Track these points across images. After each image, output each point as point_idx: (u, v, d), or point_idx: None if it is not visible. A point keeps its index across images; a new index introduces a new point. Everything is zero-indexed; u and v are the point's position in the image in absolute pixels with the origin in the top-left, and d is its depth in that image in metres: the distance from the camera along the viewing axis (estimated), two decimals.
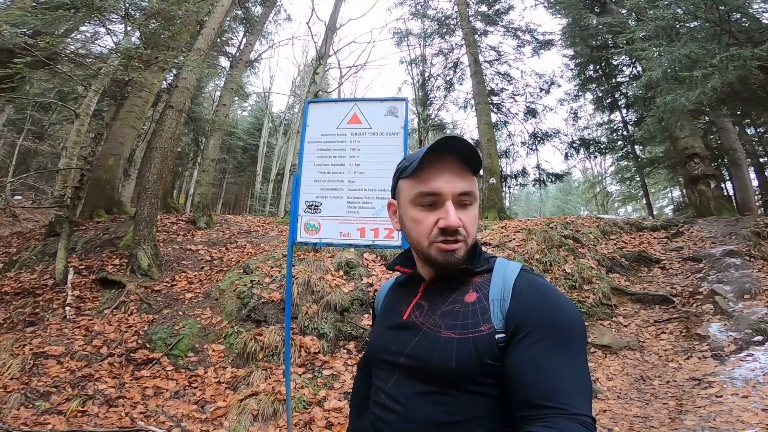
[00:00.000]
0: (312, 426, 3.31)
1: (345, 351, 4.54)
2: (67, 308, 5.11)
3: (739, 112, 11.80)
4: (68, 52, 8.40)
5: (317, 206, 3.04)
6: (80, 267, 6.29)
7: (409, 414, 0.81)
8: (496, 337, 0.77)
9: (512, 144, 17.87)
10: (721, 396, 3.41)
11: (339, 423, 3.35)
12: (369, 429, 0.89)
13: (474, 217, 0.87)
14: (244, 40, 14.73)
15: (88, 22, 8.13)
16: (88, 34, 10.59)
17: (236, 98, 15.76)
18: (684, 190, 15.10)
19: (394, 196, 0.96)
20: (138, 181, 13.59)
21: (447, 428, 0.77)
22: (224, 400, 3.66)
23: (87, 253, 6.93)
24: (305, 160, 3.11)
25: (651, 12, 8.65)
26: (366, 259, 6.26)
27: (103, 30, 8.65)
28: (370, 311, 4.88)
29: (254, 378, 3.94)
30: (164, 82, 11.82)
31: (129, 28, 8.16)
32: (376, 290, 5.26)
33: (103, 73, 8.28)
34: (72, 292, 5.48)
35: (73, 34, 10.43)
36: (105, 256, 6.74)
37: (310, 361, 4.31)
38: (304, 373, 4.12)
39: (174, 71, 11.77)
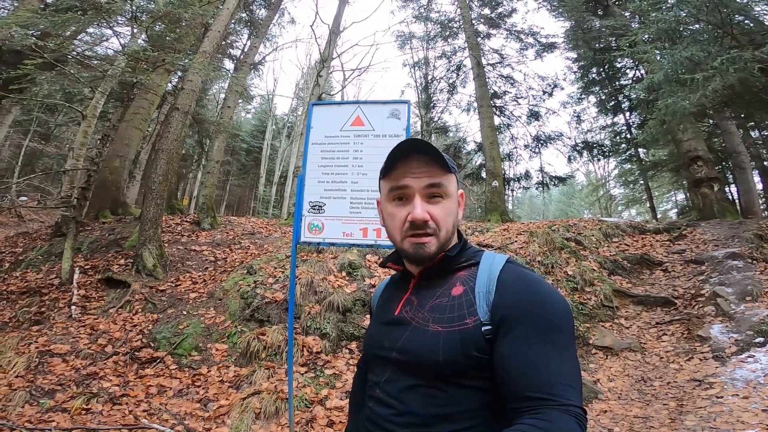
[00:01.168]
0: (314, 424, 3.34)
1: (347, 351, 4.57)
2: (73, 307, 5.17)
3: (743, 115, 11.78)
4: (74, 54, 8.51)
5: (321, 206, 3.08)
6: (86, 267, 6.36)
7: (402, 408, 0.83)
8: (483, 329, 0.78)
9: (515, 147, 17.92)
10: (722, 397, 3.41)
11: (340, 421, 3.38)
12: (365, 423, 0.91)
13: (447, 210, 0.90)
14: (248, 43, 14.84)
15: (97, 24, 8.22)
16: (94, 37, 10.72)
17: (240, 100, 15.86)
18: (688, 193, 15.05)
19: None
20: (142, 183, 13.69)
21: (439, 421, 0.78)
22: (227, 399, 3.70)
23: (93, 253, 7.00)
24: (309, 162, 3.16)
25: (654, 14, 8.67)
26: (368, 260, 6.29)
27: (109, 32, 8.76)
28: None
29: (257, 377, 3.97)
30: (169, 84, 11.93)
31: (135, 31, 8.27)
32: None
33: (110, 75, 8.38)
34: (78, 291, 5.53)
35: (79, 36, 10.55)
36: (110, 256, 6.81)
37: (313, 361, 4.34)
38: (306, 372, 4.15)
39: (179, 73, 11.88)
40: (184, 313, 5.12)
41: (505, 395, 0.74)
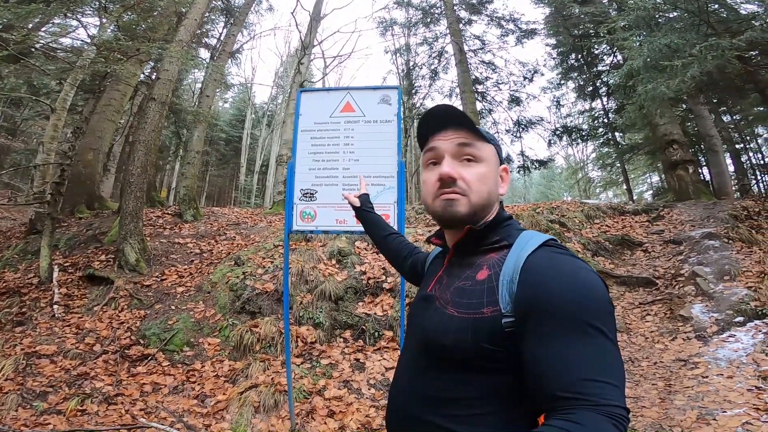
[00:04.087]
0: (314, 415, 3.35)
1: (341, 339, 4.57)
2: (55, 306, 5.01)
3: (715, 100, 12.11)
4: (39, 45, 8.10)
5: (313, 194, 3.06)
6: (65, 264, 6.16)
7: (413, 385, 0.85)
8: (503, 321, 0.72)
9: (497, 132, 18.02)
10: (707, 376, 3.55)
11: (340, 411, 3.39)
12: (392, 391, 0.94)
13: (479, 173, 0.88)
14: (225, 32, 14.42)
15: (63, 15, 7.84)
16: (60, 28, 10.23)
17: (218, 89, 15.46)
18: (663, 176, 15.49)
19: None
20: (117, 176, 13.28)
21: (444, 403, 0.78)
22: (224, 394, 3.67)
23: (71, 250, 6.78)
24: (299, 149, 3.12)
25: (632, 2, 8.76)
26: (358, 247, 6.27)
27: (75, 23, 8.35)
28: (365, 299, 4.87)
29: (252, 370, 3.94)
30: (142, 74, 11.52)
31: (105, 21, 7.91)
32: (369, 278, 5.30)
33: (79, 66, 8.02)
34: (59, 289, 5.36)
35: (45, 28, 10.05)
36: (90, 252, 6.61)
37: (308, 351, 4.33)
38: (302, 363, 4.14)
39: (151, 63, 11.47)
40: (173, 308, 5.02)
41: (535, 394, 0.68)
